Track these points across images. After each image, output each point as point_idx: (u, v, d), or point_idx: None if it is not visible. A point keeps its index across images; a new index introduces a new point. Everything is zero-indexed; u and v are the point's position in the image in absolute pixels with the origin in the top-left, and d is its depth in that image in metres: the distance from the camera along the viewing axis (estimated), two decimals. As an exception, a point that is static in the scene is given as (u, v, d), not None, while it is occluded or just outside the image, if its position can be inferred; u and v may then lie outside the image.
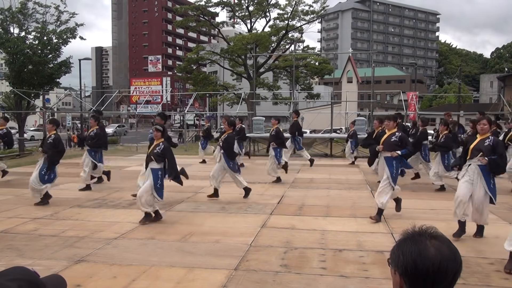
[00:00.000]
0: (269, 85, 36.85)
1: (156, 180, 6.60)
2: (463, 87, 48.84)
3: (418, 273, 1.20)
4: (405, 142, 6.94)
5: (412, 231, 1.30)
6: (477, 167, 5.67)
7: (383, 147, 6.87)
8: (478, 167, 5.67)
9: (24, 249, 5.30)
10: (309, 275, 4.46)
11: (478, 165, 5.66)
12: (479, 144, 5.75)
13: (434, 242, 1.24)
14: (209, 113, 36.12)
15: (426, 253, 1.21)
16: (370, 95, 25.33)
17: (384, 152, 6.86)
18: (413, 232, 1.29)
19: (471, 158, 5.73)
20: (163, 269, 4.61)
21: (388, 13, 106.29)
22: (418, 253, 1.21)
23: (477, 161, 5.67)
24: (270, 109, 41.66)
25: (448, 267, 1.20)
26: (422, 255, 1.21)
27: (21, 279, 1.07)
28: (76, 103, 59.23)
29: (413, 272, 1.21)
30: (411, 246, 1.23)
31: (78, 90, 37.96)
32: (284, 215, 7.20)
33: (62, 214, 7.24)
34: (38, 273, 1.13)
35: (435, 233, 1.27)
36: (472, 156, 5.75)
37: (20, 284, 1.05)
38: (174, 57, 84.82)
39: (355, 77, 34.29)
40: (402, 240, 1.28)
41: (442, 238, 1.27)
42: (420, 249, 1.22)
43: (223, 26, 39.19)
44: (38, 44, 24.98)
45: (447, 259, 1.21)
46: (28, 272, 1.11)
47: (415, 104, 21.24)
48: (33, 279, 1.10)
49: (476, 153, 5.71)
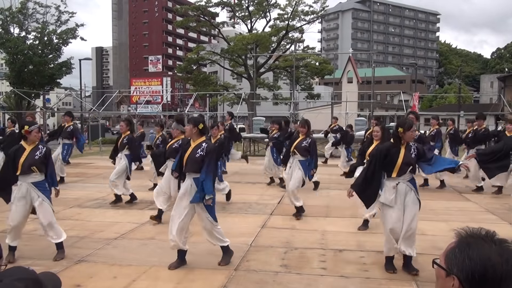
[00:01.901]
0: (269, 85, 36.87)
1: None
2: (463, 87, 48.88)
3: (486, 279, 1.13)
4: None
5: (473, 235, 1.22)
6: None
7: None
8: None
9: (24, 249, 5.30)
10: (309, 275, 4.46)
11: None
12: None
13: (498, 247, 1.17)
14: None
15: (495, 259, 1.14)
16: (370, 95, 25.35)
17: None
18: (474, 236, 1.21)
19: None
20: (163, 269, 4.61)
21: (388, 13, 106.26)
22: (487, 259, 1.14)
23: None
24: (271, 109, 41.67)
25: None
26: (491, 261, 1.14)
27: (26, 279, 1.10)
28: (76, 103, 59.27)
29: (481, 278, 1.14)
30: (477, 251, 1.16)
31: (78, 90, 37.93)
32: (284, 215, 7.20)
33: (62, 214, 7.24)
34: (35, 271, 1.15)
35: (498, 238, 1.21)
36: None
37: (26, 283, 1.08)
38: (174, 57, 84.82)
39: (355, 77, 34.25)
40: (464, 244, 1.20)
41: (504, 243, 1.19)
42: (488, 254, 1.15)
43: (223, 26, 39.22)
44: (39, 44, 25.00)
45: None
46: (30, 271, 1.14)
47: (416, 105, 21.25)
48: (36, 278, 1.13)
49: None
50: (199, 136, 4.69)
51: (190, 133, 4.69)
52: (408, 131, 4.45)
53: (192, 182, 4.58)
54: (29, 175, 4.79)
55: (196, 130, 4.64)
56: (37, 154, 4.81)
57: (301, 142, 6.91)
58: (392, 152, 4.52)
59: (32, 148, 4.85)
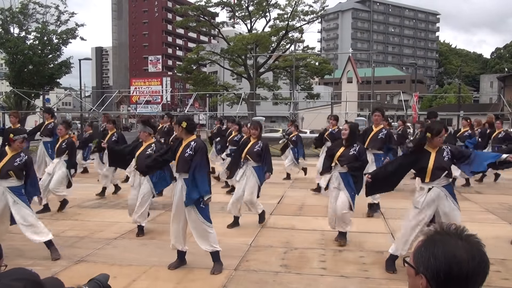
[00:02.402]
0: (269, 85, 36.88)
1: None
2: (463, 87, 48.87)
3: (452, 277, 1.12)
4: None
5: (440, 231, 1.20)
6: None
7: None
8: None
9: (24, 249, 5.30)
10: (309, 275, 4.46)
11: None
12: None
13: (464, 243, 1.15)
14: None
15: (460, 256, 1.12)
16: (370, 95, 25.38)
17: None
18: (441, 233, 1.19)
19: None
20: (163, 269, 4.61)
21: (388, 13, 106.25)
22: (453, 256, 1.12)
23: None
24: (270, 109, 41.68)
25: (480, 270, 1.13)
26: (456, 258, 1.12)
27: (25, 279, 1.10)
28: (76, 103, 59.26)
29: (446, 276, 1.12)
30: (442, 248, 1.14)
31: (78, 90, 37.94)
32: (284, 215, 7.20)
33: (62, 214, 7.24)
34: (38, 275, 1.14)
35: (464, 234, 1.18)
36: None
37: (25, 284, 1.08)
38: (174, 57, 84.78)
39: (355, 77, 34.31)
40: (430, 241, 1.18)
41: (472, 239, 1.18)
42: (453, 252, 1.13)
43: (223, 26, 39.22)
44: (39, 44, 24.98)
45: (479, 262, 1.13)
46: (30, 272, 1.13)
47: (416, 105, 21.25)
48: (36, 279, 1.13)
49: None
50: (188, 134, 4.61)
51: (179, 133, 4.68)
52: (437, 136, 4.33)
53: (183, 183, 4.53)
54: (6, 179, 4.88)
55: (181, 129, 4.55)
56: (16, 161, 4.91)
57: (253, 147, 6.31)
58: (420, 157, 4.41)
59: (13, 155, 4.96)
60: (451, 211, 4.36)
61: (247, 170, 6.34)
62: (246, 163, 6.35)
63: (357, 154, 5.41)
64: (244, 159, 6.34)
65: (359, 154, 5.42)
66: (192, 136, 4.65)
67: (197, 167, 4.43)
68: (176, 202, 4.60)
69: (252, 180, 6.27)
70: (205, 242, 4.53)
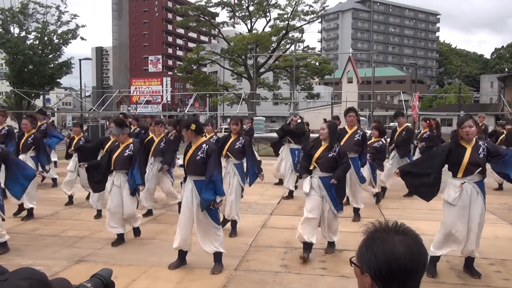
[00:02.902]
0: (269, 85, 36.89)
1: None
2: (463, 87, 48.90)
3: (392, 274, 1.14)
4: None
5: (378, 228, 1.22)
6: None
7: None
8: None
9: (24, 249, 5.31)
10: (309, 275, 4.46)
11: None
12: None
13: (402, 238, 1.17)
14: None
15: (398, 252, 1.14)
16: (370, 95, 25.34)
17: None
18: (379, 230, 1.21)
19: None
20: (163, 269, 4.61)
21: (388, 13, 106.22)
22: (391, 253, 1.14)
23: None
24: (271, 109, 41.70)
25: (420, 262, 1.16)
26: (395, 254, 1.14)
27: (31, 278, 1.10)
28: (76, 103, 59.26)
29: (387, 274, 1.14)
30: (381, 246, 1.16)
31: (78, 90, 37.97)
32: (284, 215, 7.19)
33: (62, 214, 7.25)
34: (46, 274, 1.15)
35: (401, 228, 1.20)
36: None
37: (31, 282, 1.08)
38: (174, 57, 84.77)
39: (355, 77, 34.25)
40: (370, 240, 1.21)
41: (408, 232, 1.20)
42: (391, 249, 1.15)
43: (223, 26, 39.23)
44: (39, 44, 24.98)
45: (417, 255, 1.15)
46: (37, 272, 1.13)
47: (416, 105, 21.22)
48: (43, 278, 1.13)
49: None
50: (197, 137, 4.55)
51: (188, 137, 4.59)
52: (460, 128, 4.30)
53: (193, 185, 4.52)
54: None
55: (190, 132, 4.48)
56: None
57: (234, 143, 6.03)
58: (456, 152, 4.33)
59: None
60: (478, 208, 4.30)
61: (229, 168, 6.06)
62: (227, 161, 6.08)
63: (337, 156, 4.88)
64: (225, 157, 6.07)
65: (339, 156, 4.89)
66: (201, 138, 4.61)
67: (215, 170, 4.41)
68: (186, 204, 4.57)
69: (234, 179, 5.99)
70: (210, 244, 4.52)
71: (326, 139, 4.93)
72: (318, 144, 5.04)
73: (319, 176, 4.93)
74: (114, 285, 1.36)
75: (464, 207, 4.32)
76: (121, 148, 5.51)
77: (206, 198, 4.34)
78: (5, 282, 1.06)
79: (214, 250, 4.53)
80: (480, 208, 4.33)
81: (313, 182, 4.93)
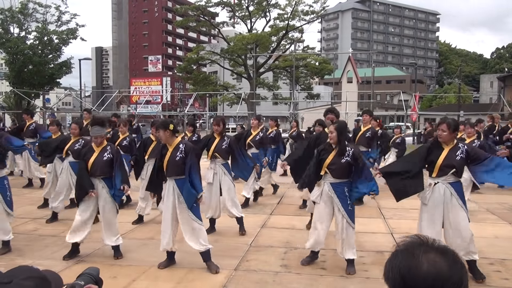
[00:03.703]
0: (269, 85, 36.91)
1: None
2: (463, 87, 48.90)
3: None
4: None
5: (408, 242, 1.16)
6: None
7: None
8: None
9: (24, 249, 5.31)
10: (309, 275, 4.46)
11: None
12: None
13: (431, 256, 1.09)
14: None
15: (417, 269, 1.08)
16: (370, 95, 25.39)
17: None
18: (408, 244, 1.16)
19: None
20: (163, 269, 4.61)
21: (388, 13, 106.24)
22: (408, 269, 1.09)
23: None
24: (270, 109, 41.68)
25: (444, 285, 1.06)
26: (411, 271, 1.08)
27: (34, 277, 1.11)
28: (76, 103, 59.21)
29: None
30: (401, 261, 1.11)
31: (78, 90, 37.97)
32: (284, 215, 7.19)
33: (62, 214, 7.23)
34: (39, 269, 1.16)
35: (435, 245, 1.13)
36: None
37: (36, 282, 1.08)
38: (174, 57, 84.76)
39: (355, 77, 34.32)
40: (395, 253, 1.16)
41: (442, 251, 1.12)
42: (411, 265, 1.09)
43: (223, 26, 39.23)
44: (39, 44, 24.96)
45: (443, 277, 1.06)
46: (36, 270, 1.14)
47: (416, 105, 21.24)
48: (43, 277, 1.14)
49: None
50: (173, 137, 4.57)
51: (165, 138, 4.54)
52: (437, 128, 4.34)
53: (174, 184, 4.58)
54: None
55: (168, 133, 4.48)
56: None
57: (220, 144, 5.98)
58: (433, 152, 4.33)
59: None
60: (455, 210, 4.22)
61: (217, 169, 5.98)
62: (214, 162, 6.00)
63: (352, 160, 4.44)
64: (212, 158, 6.00)
65: (354, 160, 4.44)
66: (177, 138, 4.64)
67: (192, 168, 4.55)
68: (168, 204, 4.62)
69: (226, 179, 5.97)
70: (197, 241, 4.55)
71: (336, 143, 4.49)
72: (329, 148, 4.60)
73: (330, 182, 4.54)
74: (102, 282, 1.36)
75: (436, 206, 4.27)
76: (98, 152, 4.98)
77: (192, 197, 4.50)
78: (10, 285, 1.05)
79: (203, 248, 4.54)
80: (458, 211, 4.23)
81: (324, 189, 4.59)
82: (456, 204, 4.25)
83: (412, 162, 4.47)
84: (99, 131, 5.00)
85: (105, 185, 4.92)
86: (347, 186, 4.51)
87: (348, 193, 4.51)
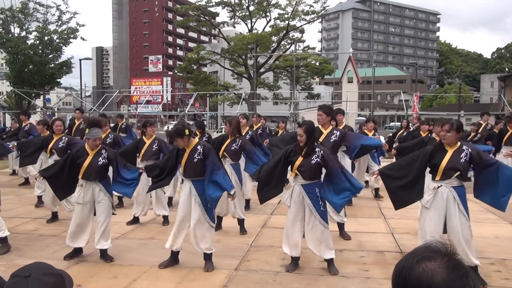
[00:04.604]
0: (270, 85, 36.91)
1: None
2: (463, 87, 48.87)
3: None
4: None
5: (423, 245, 1.15)
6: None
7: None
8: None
9: (25, 249, 5.31)
10: (310, 275, 4.46)
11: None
12: None
13: (433, 264, 1.07)
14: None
15: (410, 271, 1.08)
16: (370, 95, 25.38)
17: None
18: (420, 246, 1.15)
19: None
20: (163, 269, 4.61)
21: (388, 13, 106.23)
22: (407, 275, 1.09)
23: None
24: (271, 109, 41.69)
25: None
26: (402, 272, 1.09)
27: (54, 274, 1.13)
28: (76, 103, 59.21)
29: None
30: (405, 266, 1.11)
31: (78, 90, 37.99)
32: (284, 215, 7.14)
33: (62, 214, 7.24)
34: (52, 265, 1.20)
35: (442, 252, 1.10)
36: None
37: (56, 279, 1.11)
38: (174, 57, 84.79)
39: (355, 77, 34.29)
40: (403, 258, 1.16)
41: (447, 258, 1.08)
42: (405, 266, 1.10)
43: (223, 26, 39.23)
44: (39, 44, 24.95)
45: (436, 285, 1.04)
46: (52, 266, 1.17)
47: (416, 105, 21.24)
48: (60, 273, 1.15)
49: None
50: (190, 140, 4.54)
51: (184, 144, 4.51)
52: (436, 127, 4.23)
53: (191, 185, 4.56)
54: None
55: (186, 138, 4.46)
56: None
57: (230, 145, 6.07)
58: (437, 154, 4.22)
59: None
60: (455, 215, 4.13)
61: (226, 169, 5.97)
62: (223, 161, 6.06)
63: (322, 161, 4.34)
64: (222, 157, 6.05)
65: (324, 161, 4.34)
66: (194, 140, 4.61)
67: (215, 167, 4.48)
68: (184, 205, 4.62)
69: (232, 180, 5.83)
70: (205, 242, 4.55)
71: (305, 145, 4.36)
72: (297, 149, 4.44)
73: (301, 184, 4.45)
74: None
75: (439, 210, 4.19)
76: (92, 155, 4.81)
77: (215, 197, 4.46)
78: (30, 278, 1.07)
79: (210, 250, 4.59)
80: (458, 217, 4.13)
81: (295, 191, 4.50)
82: (458, 212, 4.15)
83: (413, 168, 4.34)
84: (98, 133, 4.83)
85: (102, 187, 4.85)
86: (318, 187, 4.42)
87: (319, 193, 4.41)
